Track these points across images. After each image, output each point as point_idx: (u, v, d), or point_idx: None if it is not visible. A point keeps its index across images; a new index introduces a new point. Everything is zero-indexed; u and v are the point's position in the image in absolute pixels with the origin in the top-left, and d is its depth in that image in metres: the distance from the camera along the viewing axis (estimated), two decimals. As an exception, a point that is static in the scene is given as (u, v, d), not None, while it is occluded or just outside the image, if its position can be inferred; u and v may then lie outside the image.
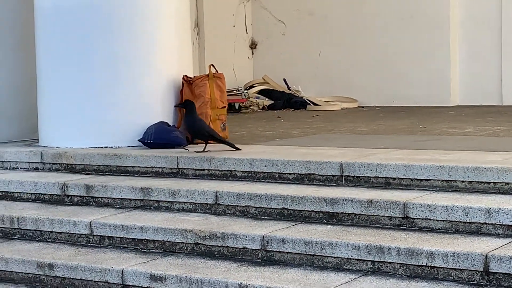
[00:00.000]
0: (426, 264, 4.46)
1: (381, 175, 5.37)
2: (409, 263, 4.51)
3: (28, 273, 5.25)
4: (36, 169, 6.74)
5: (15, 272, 5.31)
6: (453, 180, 5.14)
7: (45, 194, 6.19)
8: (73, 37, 6.80)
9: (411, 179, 5.27)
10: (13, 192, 6.35)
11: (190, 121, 6.36)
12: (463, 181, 5.12)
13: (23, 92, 7.63)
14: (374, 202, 4.99)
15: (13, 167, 6.87)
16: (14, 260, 5.31)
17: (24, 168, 6.80)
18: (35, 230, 5.74)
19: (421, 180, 5.24)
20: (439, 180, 5.18)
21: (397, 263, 4.55)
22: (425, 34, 10.60)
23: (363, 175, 5.42)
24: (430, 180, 5.22)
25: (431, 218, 4.82)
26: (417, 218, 4.87)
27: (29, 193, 6.27)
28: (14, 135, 7.59)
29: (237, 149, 6.24)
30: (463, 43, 10.55)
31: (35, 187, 6.24)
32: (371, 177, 5.40)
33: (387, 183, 5.35)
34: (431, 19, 10.56)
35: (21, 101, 7.65)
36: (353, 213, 5.06)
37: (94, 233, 5.50)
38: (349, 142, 6.70)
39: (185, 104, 6.42)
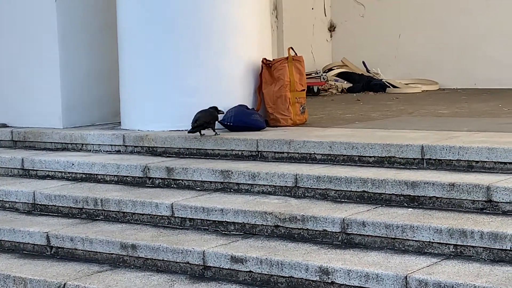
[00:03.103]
0: (510, 248, 4.39)
1: (464, 158, 5.28)
2: (493, 247, 4.44)
3: (111, 253, 5.36)
4: (118, 151, 6.86)
5: (99, 252, 5.42)
6: (538, 163, 5.04)
7: (127, 176, 6.30)
8: (155, 22, 6.88)
9: (494, 162, 5.18)
10: (96, 174, 6.48)
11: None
12: (549, 164, 5.01)
13: (105, 77, 7.76)
14: (456, 185, 4.92)
15: (96, 150, 7.00)
16: (98, 241, 5.42)
17: (107, 151, 6.93)
18: (118, 211, 5.84)
19: (505, 163, 5.14)
20: (524, 163, 5.08)
21: (480, 247, 4.48)
22: (507, 13, 10.34)
23: (445, 158, 5.35)
24: (514, 163, 5.12)
25: (516, 202, 4.74)
26: (501, 202, 4.78)
27: (112, 175, 6.39)
28: (96, 118, 7.73)
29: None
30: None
31: (117, 169, 6.35)
32: (453, 160, 5.32)
33: (469, 166, 5.27)
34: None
35: (103, 85, 7.78)
36: (434, 196, 5.00)
37: (176, 215, 5.58)
38: (430, 124, 6.61)
39: None
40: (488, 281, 4.12)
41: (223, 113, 6.48)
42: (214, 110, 6.40)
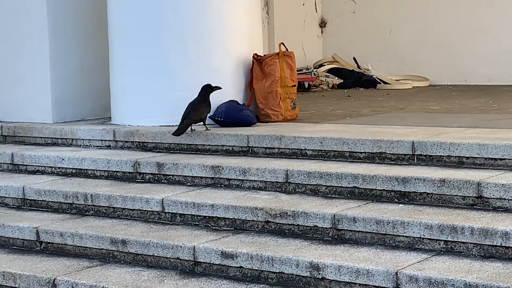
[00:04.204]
0: (501, 244, 4.39)
1: (454, 154, 5.29)
2: (483, 243, 4.44)
3: (101, 249, 5.35)
4: (108, 147, 6.84)
5: (89, 247, 5.41)
6: (529, 160, 5.05)
7: (117, 171, 6.28)
8: (145, 17, 6.86)
9: (485, 158, 5.18)
10: (86, 170, 6.46)
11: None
12: (539, 161, 5.02)
13: (95, 72, 7.74)
14: (447, 181, 4.92)
15: (86, 145, 6.98)
16: (88, 236, 5.41)
17: (97, 146, 6.91)
18: (108, 206, 5.83)
19: (496, 159, 5.15)
20: (514, 159, 5.09)
21: (471, 243, 4.48)
22: (497, 10, 10.36)
23: (435, 154, 5.35)
24: (505, 159, 5.12)
25: (506, 198, 4.74)
26: (491, 198, 4.79)
27: (102, 171, 6.37)
28: (86, 113, 7.70)
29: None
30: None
31: (108, 164, 6.34)
32: (443, 156, 5.33)
33: (460, 162, 5.27)
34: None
35: (93, 80, 7.76)
36: (425, 192, 5.00)
37: (166, 210, 5.56)
38: (421, 121, 6.61)
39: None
40: (478, 277, 4.13)
41: (220, 88, 6.43)
42: (207, 99, 6.32)
